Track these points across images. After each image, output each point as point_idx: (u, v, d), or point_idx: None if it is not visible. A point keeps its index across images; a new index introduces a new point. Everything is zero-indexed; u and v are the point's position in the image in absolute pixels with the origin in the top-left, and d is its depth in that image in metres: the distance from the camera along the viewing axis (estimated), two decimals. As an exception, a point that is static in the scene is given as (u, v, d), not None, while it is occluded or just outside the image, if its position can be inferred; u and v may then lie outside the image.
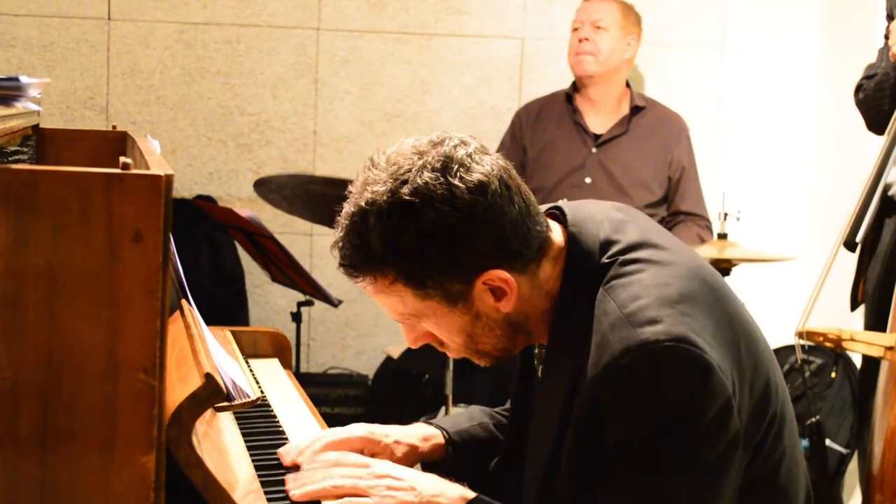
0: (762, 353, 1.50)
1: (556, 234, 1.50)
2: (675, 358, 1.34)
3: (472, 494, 1.49)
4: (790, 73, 4.13)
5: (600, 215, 1.52)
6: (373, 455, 1.62)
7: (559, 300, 1.47)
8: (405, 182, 1.39)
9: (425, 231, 1.38)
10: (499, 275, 1.42)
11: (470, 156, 1.42)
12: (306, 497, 1.46)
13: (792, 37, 4.13)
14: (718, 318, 1.43)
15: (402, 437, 1.68)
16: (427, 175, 1.39)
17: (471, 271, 1.41)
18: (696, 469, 1.37)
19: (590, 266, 1.46)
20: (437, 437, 1.72)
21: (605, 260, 1.45)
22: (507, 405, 1.79)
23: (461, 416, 1.79)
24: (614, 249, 1.46)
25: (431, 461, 1.70)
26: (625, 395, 1.36)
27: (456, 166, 1.40)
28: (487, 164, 1.42)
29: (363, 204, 1.41)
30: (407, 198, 1.38)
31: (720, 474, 1.40)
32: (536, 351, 1.64)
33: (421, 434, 1.71)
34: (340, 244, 1.45)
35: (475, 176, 1.40)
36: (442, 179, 1.39)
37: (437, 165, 1.40)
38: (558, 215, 1.53)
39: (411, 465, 1.66)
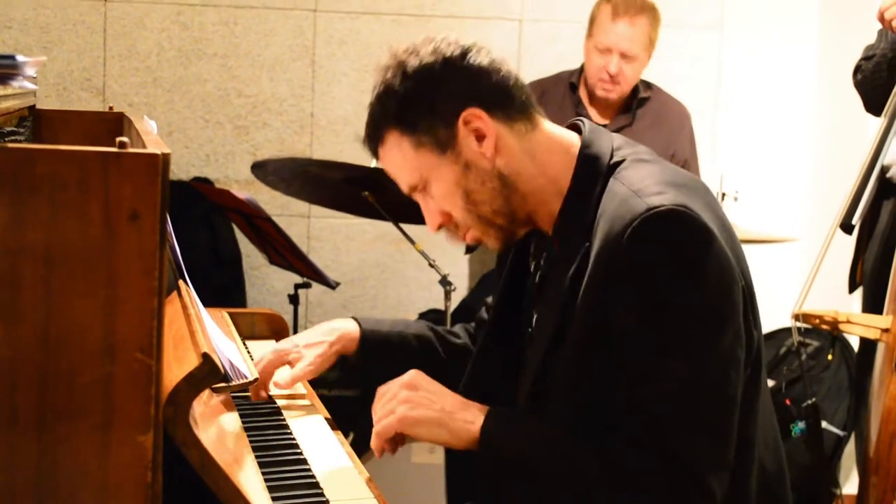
0: (749, 275, 1.56)
1: (559, 130, 1.62)
2: (680, 219, 1.41)
3: (490, 408, 1.53)
4: (789, 54, 4.13)
5: (615, 134, 1.64)
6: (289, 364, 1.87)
7: (570, 191, 1.56)
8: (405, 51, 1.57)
9: (408, 75, 1.55)
10: (475, 112, 1.54)
11: (473, 41, 1.59)
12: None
13: (791, 18, 4.13)
14: (718, 218, 1.51)
15: (309, 339, 1.88)
16: (424, 43, 1.57)
17: (450, 111, 1.54)
18: (713, 334, 1.41)
19: (600, 164, 1.56)
20: (353, 333, 1.89)
21: (615, 159, 1.56)
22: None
23: (394, 321, 1.94)
24: (624, 152, 1.58)
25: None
26: (635, 257, 1.42)
27: (452, 37, 1.58)
28: (483, 47, 1.59)
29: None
30: (400, 57, 1.56)
31: (736, 347, 1.43)
32: (533, 249, 1.69)
33: (336, 332, 1.89)
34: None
35: (463, 42, 1.57)
36: (431, 43, 1.56)
37: (436, 38, 1.57)
38: (578, 125, 1.64)
39: (328, 362, 1.89)
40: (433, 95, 1.55)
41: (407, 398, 1.55)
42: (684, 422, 1.41)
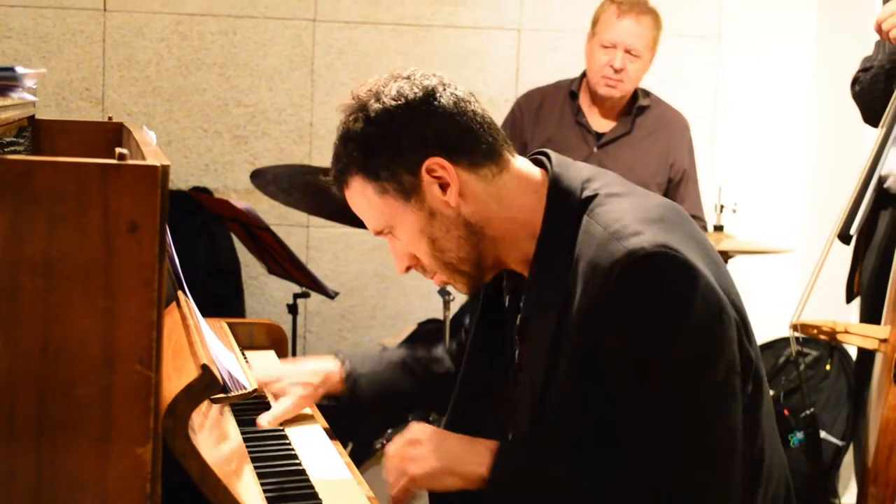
0: (737, 296, 1.54)
1: (530, 167, 1.58)
2: (660, 261, 1.39)
3: (495, 444, 1.52)
4: (787, 64, 4.14)
5: (583, 165, 1.61)
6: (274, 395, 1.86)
7: (542, 233, 1.53)
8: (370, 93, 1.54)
9: (370, 119, 1.51)
10: (438, 161, 1.50)
11: (439, 78, 1.55)
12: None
13: (789, 27, 4.14)
14: (699, 245, 1.48)
15: (296, 378, 1.87)
16: (387, 83, 1.54)
17: (413, 159, 1.50)
18: (707, 374, 1.41)
19: (572, 200, 1.52)
20: (335, 376, 1.88)
21: (586, 194, 1.53)
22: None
23: (378, 357, 1.93)
24: (595, 185, 1.54)
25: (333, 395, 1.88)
26: (618, 306, 1.40)
27: (416, 77, 1.54)
28: (450, 83, 1.55)
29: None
30: (363, 98, 1.53)
31: (732, 382, 1.43)
32: (506, 284, 1.68)
33: (320, 374, 1.88)
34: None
35: (427, 82, 1.53)
36: (394, 84, 1.53)
37: (400, 76, 1.55)
38: (543, 161, 1.60)
39: (311, 402, 1.88)
40: (396, 142, 1.51)
41: (413, 457, 1.53)
42: (687, 459, 1.41)
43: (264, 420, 1.81)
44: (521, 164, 1.58)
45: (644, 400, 1.41)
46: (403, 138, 1.50)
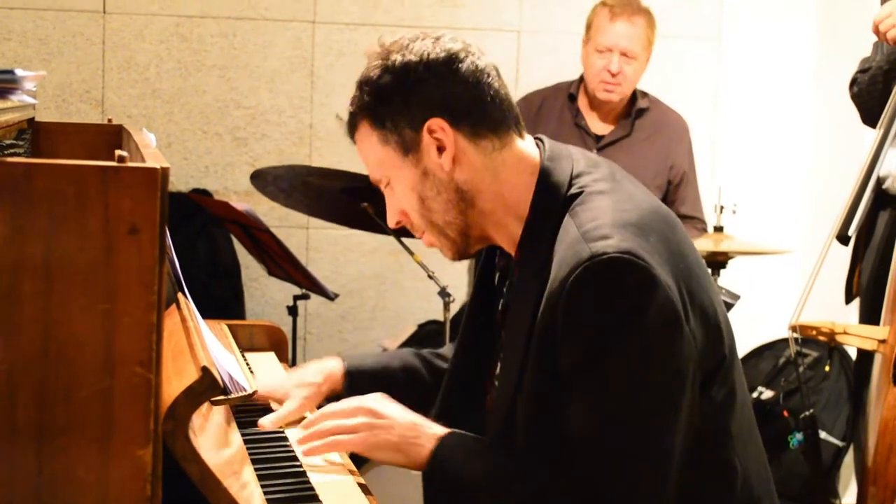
0: (714, 298, 1.55)
1: (532, 149, 1.60)
2: (620, 267, 1.41)
3: (445, 431, 1.56)
4: (786, 65, 4.14)
5: (580, 154, 1.62)
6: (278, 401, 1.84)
7: (527, 224, 1.56)
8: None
9: (388, 69, 1.56)
10: (440, 123, 1.54)
11: (465, 45, 1.58)
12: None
13: (788, 29, 4.14)
14: (672, 251, 1.49)
15: (298, 380, 1.86)
16: (414, 39, 1.57)
17: (418, 116, 1.54)
18: (651, 380, 1.43)
19: (558, 195, 1.55)
20: (338, 373, 1.87)
21: (573, 191, 1.55)
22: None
23: (377, 356, 1.94)
24: (584, 181, 1.56)
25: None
26: (575, 305, 1.42)
27: (444, 39, 1.57)
28: (476, 52, 1.58)
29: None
30: (388, 48, 1.58)
31: (676, 392, 1.44)
32: (498, 261, 1.71)
33: (322, 374, 1.87)
34: None
35: (452, 46, 1.56)
36: (422, 42, 1.56)
37: (429, 36, 1.58)
38: (540, 146, 1.62)
39: (315, 403, 1.86)
40: (406, 97, 1.55)
41: (370, 425, 1.58)
42: (616, 462, 1.43)
43: (267, 421, 1.81)
44: (524, 145, 1.60)
45: (583, 397, 1.44)
46: (414, 94, 1.54)
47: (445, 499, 1.58)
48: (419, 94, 1.54)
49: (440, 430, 1.58)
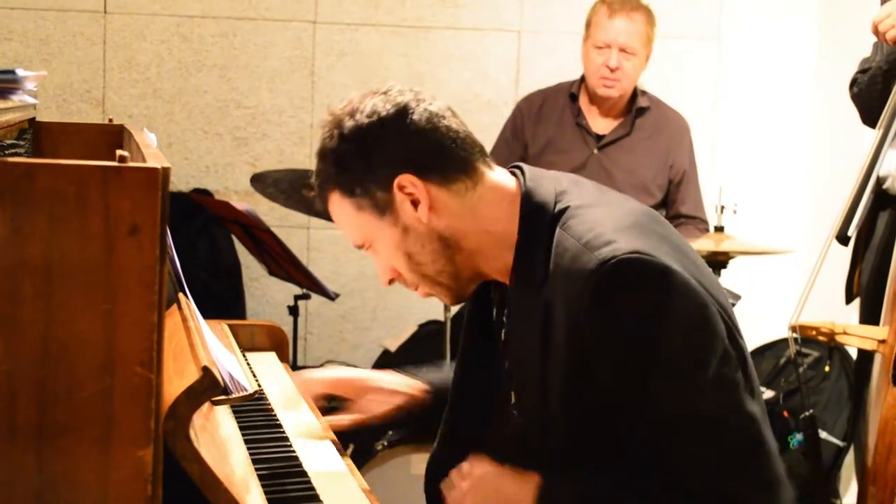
0: (722, 295, 1.54)
1: (506, 178, 1.59)
2: (632, 267, 1.40)
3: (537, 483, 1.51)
4: (787, 65, 4.14)
5: (561, 175, 1.62)
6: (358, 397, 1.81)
7: (518, 248, 1.54)
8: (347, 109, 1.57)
9: (344, 136, 1.54)
10: (409, 179, 1.52)
11: (414, 93, 1.56)
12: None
13: (789, 29, 4.14)
14: (675, 249, 1.49)
15: (388, 384, 1.82)
16: (362, 100, 1.55)
17: (385, 176, 1.52)
18: (699, 369, 1.41)
19: (545, 214, 1.53)
20: (419, 387, 1.83)
21: (559, 207, 1.53)
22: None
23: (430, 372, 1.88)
24: (568, 198, 1.55)
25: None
26: (599, 319, 1.41)
27: (392, 93, 1.55)
28: (423, 97, 1.55)
29: None
30: (338, 115, 1.56)
31: (732, 368, 1.43)
32: (493, 293, 1.68)
33: (407, 383, 1.84)
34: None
35: (401, 98, 1.54)
36: (370, 100, 1.54)
37: (378, 92, 1.56)
38: (517, 174, 1.61)
39: (391, 415, 1.82)
40: (368, 159, 1.53)
41: (473, 488, 1.53)
42: (715, 459, 1.42)
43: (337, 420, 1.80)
44: (496, 176, 1.58)
45: (650, 407, 1.41)
46: (375, 154, 1.53)
47: None
48: (380, 154, 1.53)
49: (534, 476, 1.52)
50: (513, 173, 1.61)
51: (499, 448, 1.60)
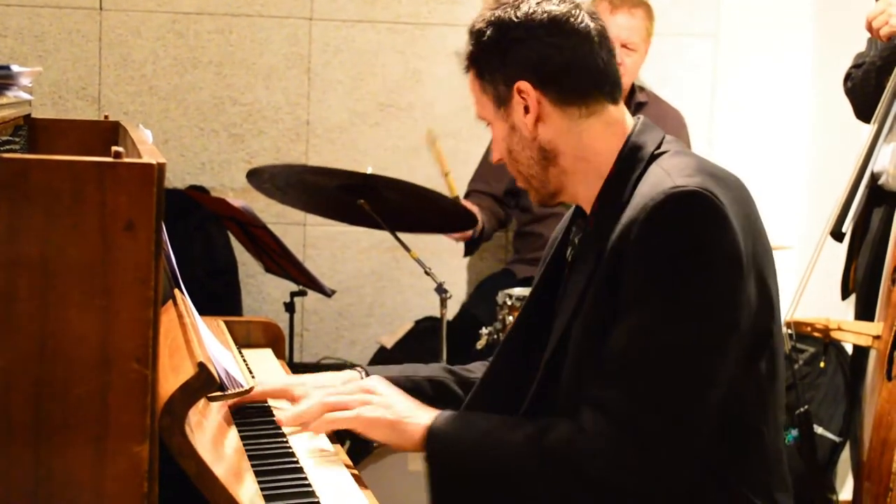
0: (773, 278, 1.59)
1: (625, 118, 1.67)
2: (697, 199, 1.48)
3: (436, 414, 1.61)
4: (784, 63, 4.14)
5: (670, 136, 1.68)
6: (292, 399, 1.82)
7: (609, 176, 1.62)
8: None
9: (492, 23, 1.62)
10: (528, 87, 1.61)
11: (574, 3, 1.63)
12: (293, 421, 1.69)
13: (786, 27, 4.14)
14: (745, 213, 1.54)
15: (319, 384, 1.83)
16: None
17: (511, 75, 1.62)
18: (706, 314, 1.46)
19: (644, 152, 1.62)
20: (352, 379, 1.84)
21: (659, 151, 1.62)
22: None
23: (403, 367, 1.92)
24: (669, 146, 1.63)
25: None
26: (646, 231, 1.48)
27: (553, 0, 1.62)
28: (582, 17, 1.62)
29: None
30: (503, 2, 1.64)
31: (728, 332, 1.47)
32: (571, 236, 1.75)
33: (341, 380, 1.84)
34: None
35: (556, 9, 1.61)
36: (536, 1, 1.61)
37: None
38: (636, 120, 1.69)
39: None
40: (503, 55, 1.62)
41: (365, 401, 1.64)
42: (656, 387, 1.46)
43: (286, 418, 1.80)
44: (616, 113, 1.66)
45: (637, 319, 1.47)
46: (510, 53, 1.61)
47: (448, 470, 1.58)
48: (514, 54, 1.61)
49: (436, 411, 1.62)
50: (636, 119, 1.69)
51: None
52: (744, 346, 1.51)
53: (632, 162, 1.60)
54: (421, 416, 1.61)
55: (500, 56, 1.62)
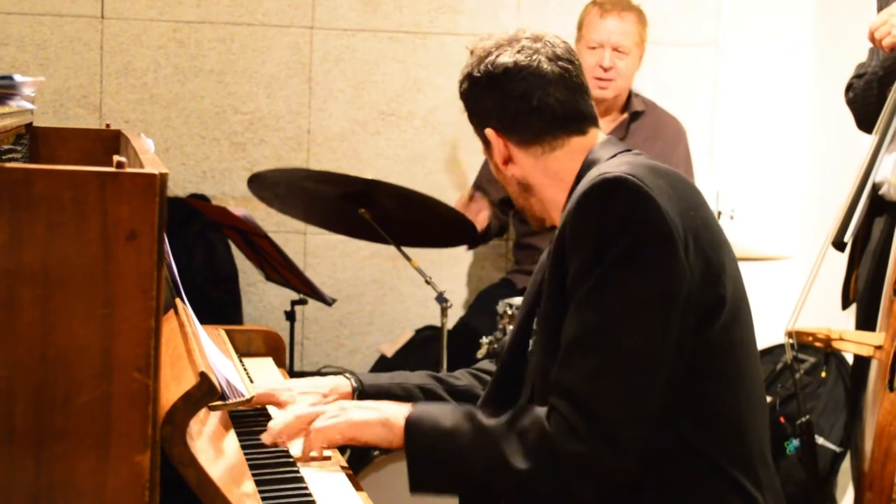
0: (725, 256, 1.64)
1: (590, 142, 1.74)
2: (619, 182, 1.54)
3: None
4: (785, 71, 4.14)
5: (632, 150, 1.73)
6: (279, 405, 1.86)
7: (570, 191, 1.69)
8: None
9: (466, 75, 1.77)
10: (492, 134, 1.74)
11: (533, 51, 1.73)
12: (273, 437, 1.71)
13: (786, 36, 4.14)
14: (683, 200, 1.58)
15: (306, 389, 1.88)
16: (493, 47, 1.75)
17: (482, 123, 1.76)
18: (640, 290, 1.51)
19: (596, 163, 1.68)
20: (346, 388, 1.90)
21: (608, 157, 1.69)
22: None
23: (392, 374, 1.97)
24: (623, 157, 1.68)
25: None
26: (576, 217, 1.56)
27: (514, 47, 1.74)
28: (538, 62, 1.71)
29: None
30: (477, 54, 1.76)
31: (665, 305, 1.51)
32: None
33: (328, 386, 1.89)
34: None
35: (509, 60, 1.71)
36: (497, 52, 1.73)
37: (504, 43, 1.75)
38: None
39: None
40: (474, 104, 1.78)
41: (344, 407, 1.70)
42: (604, 365, 1.51)
43: (268, 436, 1.79)
44: (584, 140, 1.73)
45: (577, 307, 1.53)
46: (478, 103, 1.77)
47: (428, 457, 1.63)
48: (480, 104, 1.76)
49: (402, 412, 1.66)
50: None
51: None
52: (690, 314, 1.54)
53: (585, 173, 1.67)
54: (401, 411, 1.66)
55: (471, 106, 1.78)
